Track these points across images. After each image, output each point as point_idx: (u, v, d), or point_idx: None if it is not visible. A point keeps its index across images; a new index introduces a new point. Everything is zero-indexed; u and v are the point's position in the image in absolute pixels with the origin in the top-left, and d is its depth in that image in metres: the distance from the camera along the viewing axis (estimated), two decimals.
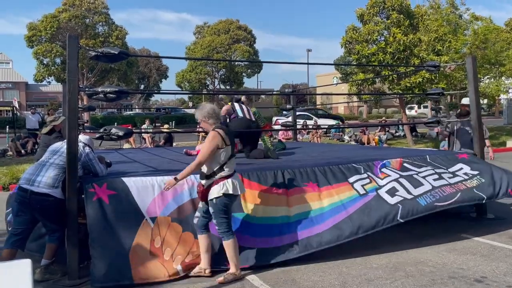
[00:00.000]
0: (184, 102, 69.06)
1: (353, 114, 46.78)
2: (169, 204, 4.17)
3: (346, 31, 16.47)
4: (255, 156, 6.23)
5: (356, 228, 4.42)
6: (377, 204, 4.65)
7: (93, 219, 3.90)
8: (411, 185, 4.95)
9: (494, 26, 16.90)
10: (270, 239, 4.27)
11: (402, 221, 4.60)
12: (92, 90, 4.34)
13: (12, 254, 3.91)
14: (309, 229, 4.39)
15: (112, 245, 3.85)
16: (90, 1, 31.87)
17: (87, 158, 4.15)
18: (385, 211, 4.59)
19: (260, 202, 4.47)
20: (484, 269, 4.11)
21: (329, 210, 4.57)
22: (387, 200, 4.70)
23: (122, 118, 32.01)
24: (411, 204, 4.71)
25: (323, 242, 4.31)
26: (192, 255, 4.04)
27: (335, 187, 4.80)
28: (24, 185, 3.97)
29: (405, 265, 4.26)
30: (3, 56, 57.41)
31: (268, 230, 4.33)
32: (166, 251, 3.97)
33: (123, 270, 3.77)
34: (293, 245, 4.28)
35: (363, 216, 4.52)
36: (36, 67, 31.94)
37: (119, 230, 3.92)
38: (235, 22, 41.90)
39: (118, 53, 4.31)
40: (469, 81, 6.19)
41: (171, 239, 4.04)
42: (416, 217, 4.70)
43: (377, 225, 4.49)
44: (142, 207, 4.07)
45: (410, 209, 4.66)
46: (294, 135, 10.89)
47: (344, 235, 4.38)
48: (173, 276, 3.90)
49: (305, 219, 4.47)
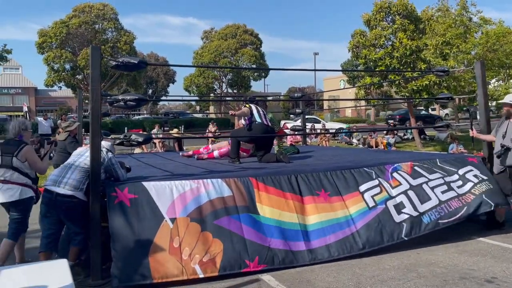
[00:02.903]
0: (191, 106, 69.44)
1: (360, 117, 46.79)
2: (188, 205, 4.31)
3: (353, 36, 16.60)
4: (268, 160, 6.36)
5: (363, 243, 4.64)
6: (384, 220, 4.85)
7: (115, 221, 4.05)
8: (418, 200, 5.12)
9: (506, 29, 16.93)
10: (285, 243, 4.42)
11: (406, 239, 4.81)
12: (113, 98, 4.51)
13: (48, 256, 4.11)
14: (320, 240, 4.57)
15: (132, 246, 3.98)
16: (99, 7, 32.29)
17: (110, 162, 4.32)
18: (391, 228, 4.82)
19: (277, 207, 4.63)
20: (495, 270, 4.21)
21: (339, 223, 4.75)
22: (393, 217, 4.91)
23: (131, 122, 32.31)
24: (415, 222, 4.92)
25: (332, 253, 4.51)
26: (210, 255, 4.13)
27: (346, 199, 4.97)
28: (50, 186, 4.14)
29: (417, 266, 4.37)
30: (12, 62, 58.01)
31: (284, 234, 4.48)
32: (185, 250, 4.08)
33: (142, 270, 3.89)
34: (305, 253, 4.45)
35: (371, 231, 4.74)
36: (47, 72, 32.42)
37: (139, 231, 4.06)
38: (242, 27, 42.17)
39: (137, 63, 4.48)
40: (478, 86, 6.29)
41: (189, 238, 4.15)
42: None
43: (382, 242, 4.73)
44: (162, 209, 4.22)
45: (414, 227, 4.89)
46: (304, 138, 11.03)
47: (351, 249, 4.59)
48: (192, 275, 4.00)
49: (318, 229, 4.64)
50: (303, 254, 4.43)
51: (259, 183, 4.72)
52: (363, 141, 18.33)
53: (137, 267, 3.91)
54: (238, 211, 4.45)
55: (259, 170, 5.35)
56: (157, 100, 59.32)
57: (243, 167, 5.86)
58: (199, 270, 4.05)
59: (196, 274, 4.04)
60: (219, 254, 4.15)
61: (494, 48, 15.67)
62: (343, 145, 19.12)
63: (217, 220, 4.32)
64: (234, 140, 6.63)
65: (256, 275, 4.19)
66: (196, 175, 4.96)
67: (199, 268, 4.06)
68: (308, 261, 4.41)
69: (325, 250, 4.52)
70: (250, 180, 4.72)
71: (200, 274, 4.04)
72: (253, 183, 4.71)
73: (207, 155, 7.31)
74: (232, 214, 4.41)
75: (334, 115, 41.15)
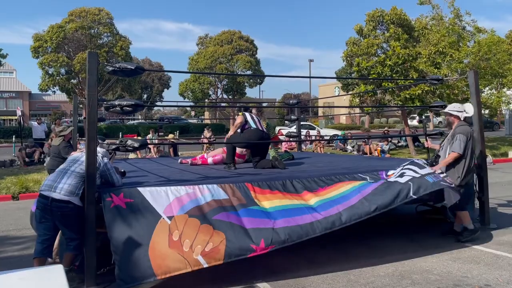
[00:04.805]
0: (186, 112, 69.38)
1: (355, 124, 46.99)
2: (185, 205, 4.28)
3: (346, 44, 16.71)
4: (263, 166, 6.39)
5: (372, 207, 4.62)
6: (389, 185, 4.90)
7: (112, 223, 3.99)
8: (417, 167, 5.24)
9: (498, 38, 17.13)
10: (290, 219, 4.37)
11: (415, 197, 4.80)
12: (110, 104, 4.51)
13: (42, 262, 4.07)
14: (328, 210, 4.55)
15: (131, 246, 3.90)
16: (95, 12, 32.30)
17: (105, 167, 4.31)
18: (398, 188, 4.83)
19: (275, 200, 4.65)
20: (488, 277, 4.24)
21: (344, 195, 4.79)
22: (398, 180, 4.97)
23: (126, 127, 32.21)
24: (420, 181, 4.94)
25: (342, 220, 4.47)
26: (212, 244, 4.01)
27: (346, 182, 5.08)
28: (45, 191, 4.11)
29: (411, 273, 4.39)
30: (7, 66, 57.85)
31: (287, 213, 4.45)
32: (185, 242, 3.96)
33: (144, 268, 3.80)
34: (314, 223, 4.38)
35: (378, 196, 4.74)
36: (41, 76, 32.31)
37: (137, 229, 3.98)
38: (237, 33, 42.38)
39: (134, 68, 4.49)
40: (471, 94, 6.36)
41: (189, 231, 4.05)
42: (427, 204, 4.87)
43: (392, 202, 4.70)
44: (159, 209, 4.17)
45: (421, 185, 4.88)
46: (299, 145, 11.06)
47: (360, 214, 4.56)
48: (196, 266, 3.89)
49: (323, 204, 4.65)
50: (313, 226, 4.35)
51: (255, 188, 4.73)
52: (358, 148, 18.40)
53: (138, 266, 3.81)
54: (235, 208, 4.43)
55: (255, 176, 5.37)
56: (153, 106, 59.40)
57: (239, 173, 5.87)
58: (202, 260, 3.91)
59: (200, 265, 3.90)
60: (222, 243, 4.03)
61: (487, 57, 15.85)
62: (337, 151, 19.17)
63: (216, 215, 4.27)
64: (230, 146, 6.65)
65: (252, 283, 4.18)
66: (192, 180, 4.97)
67: (202, 258, 3.92)
68: (319, 232, 4.33)
69: (336, 218, 4.46)
70: (246, 186, 4.73)
71: (204, 264, 3.91)
72: (249, 188, 4.71)
73: (201, 161, 7.31)
74: (230, 211, 4.37)
75: (329, 121, 41.25)
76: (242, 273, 4.43)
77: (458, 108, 5.62)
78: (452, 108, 5.65)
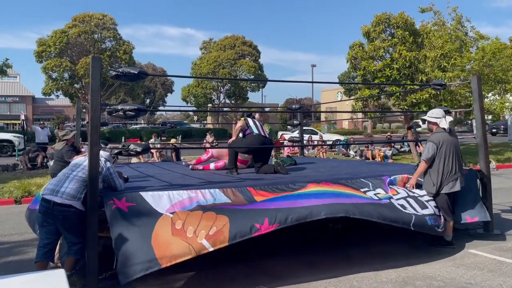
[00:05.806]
0: (188, 116, 69.52)
1: (357, 129, 46.96)
2: (187, 206, 4.26)
3: (351, 47, 16.74)
4: (265, 171, 6.37)
5: (380, 215, 4.64)
6: (393, 207, 4.89)
7: (114, 223, 3.97)
8: (418, 206, 5.17)
9: (502, 44, 17.11)
10: (295, 201, 4.40)
11: (413, 229, 4.84)
12: (113, 108, 4.52)
13: (44, 267, 4.06)
14: (334, 199, 4.57)
15: (134, 239, 3.85)
16: (99, 17, 32.48)
17: (108, 172, 4.31)
18: (401, 214, 4.84)
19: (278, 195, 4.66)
20: (492, 283, 4.20)
21: (350, 194, 4.80)
22: (401, 209, 4.95)
23: (128, 132, 32.28)
24: (421, 219, 4.96)
25: (349, 211, 4.48)
26: (216, 227, 3.98)
27: (349, 189, 5.04)
28: (47, 196, 4.11)
29: (414, 279, 4.36)
30: (10, 70, 57.93)
31: (291, 197, 4.49)
32: (188, 229, 3.93)
33: (147, 258, 3.75)
34: (319, 206, 4.38)
35: (385, 209, 4.76)
36: (45, 81, 32.46)
37: (139, 224, 3.95)
38: (240, 38, 42.49)
39: (137, 73, 4.50)
40: (474, 100, 6.33)
41: (192, 219, 4.03)
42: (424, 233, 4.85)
43: (396, 221, 4.73)
44: (161, 210, 4.15)
45: (421, 223, 4.92)
46: (301, 150, 11.05)
47: (369, 215, 4.58)
48: (201, 251, 3.85)
49: (329, 193, 4.68)
50: (318, 209, 4.36)
51: (258, 191, 4.72)
52: (360, 153, 18.37)
53: (141, 257, 3.76)
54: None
55: (257, 181, 5.35)
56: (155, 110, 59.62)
57: (241, 178, 5.86)
58: (207, 244, 3.87)
59: (205, 249, 3.87)
60: (226, 226, 4.00)
61: (490, 64, 15.83)
62: (340, 156, 19.16)
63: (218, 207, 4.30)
64: (232, 151, 6.65)
65: None
66: (194, 185, 4.96)
67: (207, 242, 3.88)
68: (323, 215, 4.34)
69: (340, 207, 4.47)
70: (248, 190, 4.72)
71: (209, 247, 3.88)
72: (251, 192, 4.70)
73: (203, 166, 7.31)
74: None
75: (331, 126, 41.23)
76: (244, 279, 4.41)
77: (436, 114, 5.57)
78: (430, 115, 5.61)
